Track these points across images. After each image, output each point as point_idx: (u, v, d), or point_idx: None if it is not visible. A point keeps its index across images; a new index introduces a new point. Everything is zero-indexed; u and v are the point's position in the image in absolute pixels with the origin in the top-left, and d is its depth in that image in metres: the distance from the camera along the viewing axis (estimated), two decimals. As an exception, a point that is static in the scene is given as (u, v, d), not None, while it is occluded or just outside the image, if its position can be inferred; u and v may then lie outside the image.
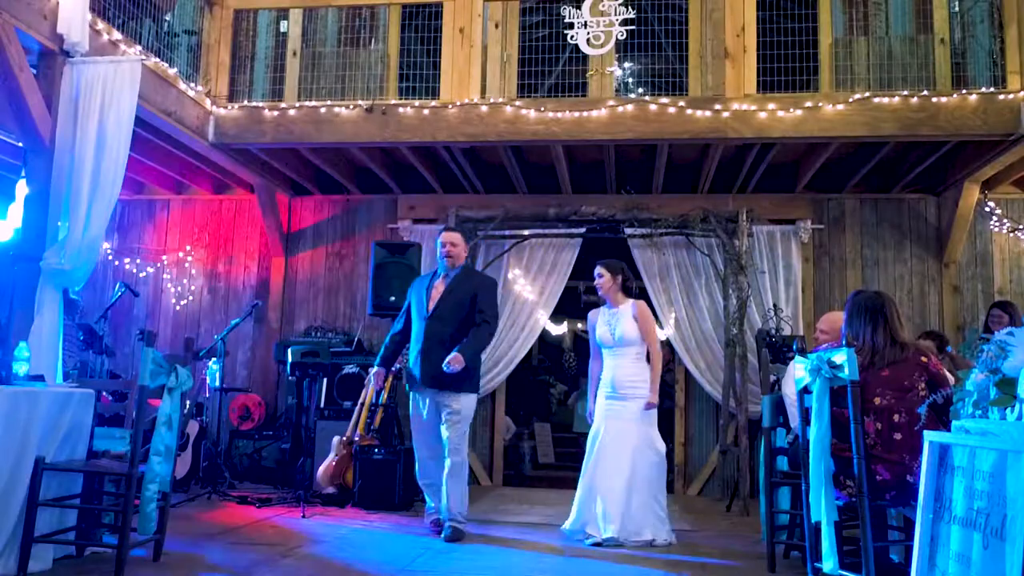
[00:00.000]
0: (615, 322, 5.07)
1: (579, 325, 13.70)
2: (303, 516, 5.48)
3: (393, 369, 5.46)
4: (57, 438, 3.77)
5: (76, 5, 4.84)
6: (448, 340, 4.87)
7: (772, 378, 6.22)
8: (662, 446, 5.03)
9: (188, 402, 5.93)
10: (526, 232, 7.47)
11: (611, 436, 4.93)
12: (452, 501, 4.86)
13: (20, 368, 3.96)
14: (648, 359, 5.05)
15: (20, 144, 5.31)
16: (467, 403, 4.95)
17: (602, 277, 5.18)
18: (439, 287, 5.05)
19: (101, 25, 5.26)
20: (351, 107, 6.37)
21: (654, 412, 5.00)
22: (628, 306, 5.10)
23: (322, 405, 6.84)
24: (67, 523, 3.95)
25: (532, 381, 11.65)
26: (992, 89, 5.83)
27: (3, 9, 4.41)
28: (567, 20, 6.15)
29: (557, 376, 12.72)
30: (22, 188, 5.18)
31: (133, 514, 3.72)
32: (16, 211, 5.71)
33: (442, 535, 4.79)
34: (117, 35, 5.40)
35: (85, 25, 4.92)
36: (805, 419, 3.76)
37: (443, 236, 5.13)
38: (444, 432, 4.89)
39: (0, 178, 6.97)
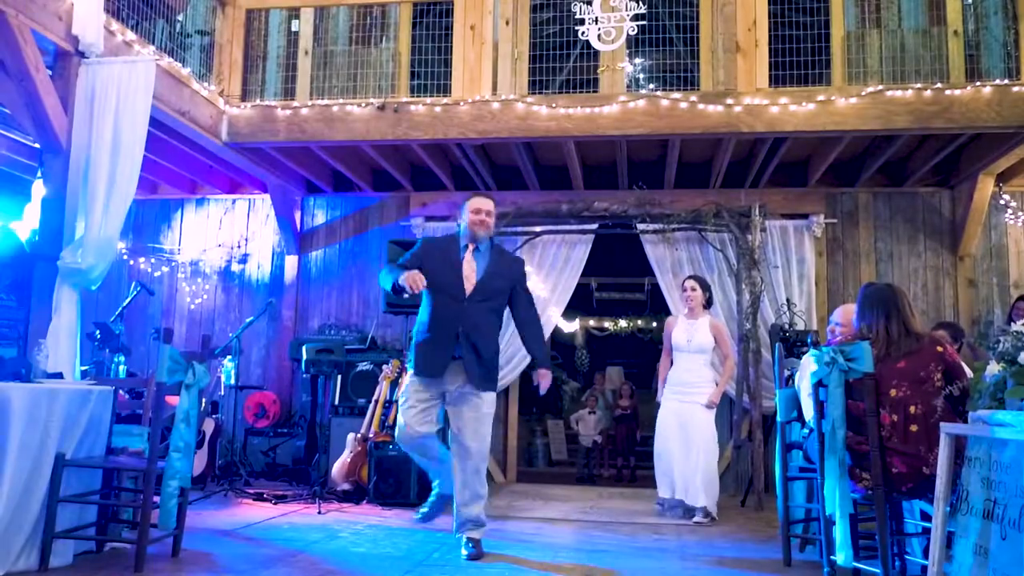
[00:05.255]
0: (693, 332, 5.82)
1: (591, 322, 13.72)
2: (319, 512, 5.51)
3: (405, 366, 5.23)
4: (77, 435, 3.80)
5: (91, 6, 4.89)
6: (487, 328, 4.34)
7: (786, 372, 6.21)
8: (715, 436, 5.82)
9: (204, 400, 5.97)
10: (538, 228, 7.48)
11: (682, 422, 5.70)
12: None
13: (39, 366, 4.01)
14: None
15: (36, 145, 5.36)
16: (492, 401, 4.45)
17: (695, 291, 5.89)
18: (471, 263, 4.36)
19: (115, 26, 5.30)
20: (363, 105, 6.39)
21: (714, 409, 5.78)
22: (705, 320, 5.86)
23: (337, 402, 6.88)
24: (87, 519, 3.99)
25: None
26: (1006, 81, 5.79)
27: (19, 11, 4.46)
28: (578, 16, 6.16)
29: (570, 373, 12.74)
30: (39, 188, 5.23)
31: (152, 510, 3.76)
32: (33, 211, 5.77)
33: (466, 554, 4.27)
34: (131, 35, 5.44)
35: (100, 26, 4.96)
36: (820, 412, 3.76)
37: (477, 202, 4.43)
38: (468, 439, 4.29)
39: (16, 179, 7.05)
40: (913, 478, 3.43)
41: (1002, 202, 7.16)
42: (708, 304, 5.99)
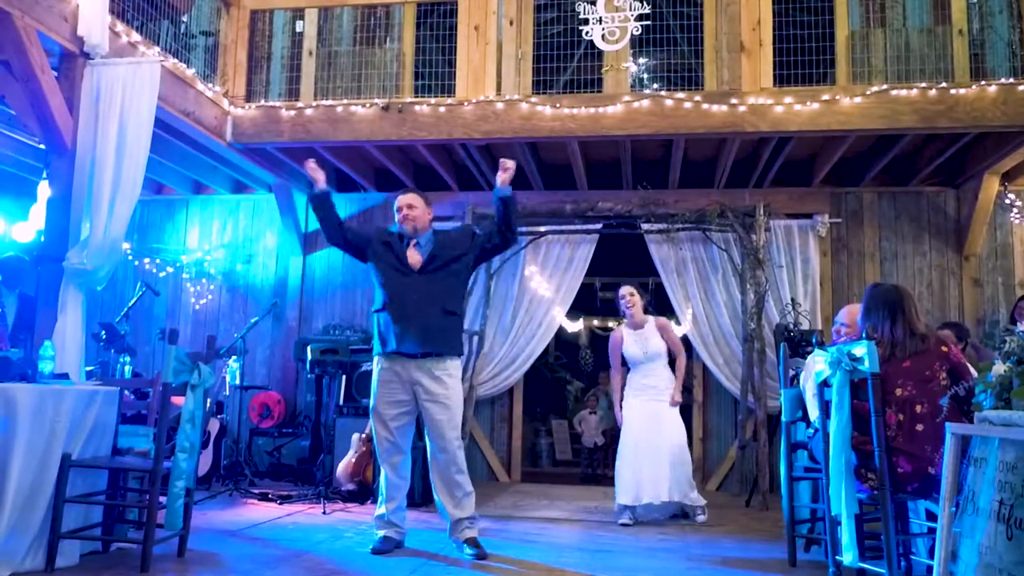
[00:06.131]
0: (644, 341, 5.75)
1: (595, 322, 13.71)
2: (324, 513, 5.52)
3: None
4: (83, 435, 3.81)
5: (96, 7, 4.90)
6: (441, 295, 4.31)
7: (791, 372, 6.21)
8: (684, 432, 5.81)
9: (209, 400, 5.98)
10: (542, 228, 7.49)
11: (652, 422, 5.62)
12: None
13: (45, 367, 4.02)
14: (672, 364, 5.84)
15: (42, 146, 5.37)
16: (457, 372, 4.38)
17: (634, 295, 5.81)
18: (414, 255, 4.40)
19: (120, 27, 5.31)
20: (367, 106, 6.40)
21: (678, 406, 5.76)
22: (651, 325, 5.79)
23: (341, 402, 6.88)
24: (93, 519, 3.99)
25: (549, 378, 11.66)
26: (1011, 80, 5.77)
27: (25, 12, 4.47)
28: (582, 16, 6.16)
29: (574, 373, 12.72)
30: (44, 189, 5.25)
31: (158, 510, 3.76)
32: (38, 212, 5.79)
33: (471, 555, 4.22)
34: (136, 36, 5.45)
35: (105, 27, 4.98)
36: (825, 412, 3.75)
37: (398, 200, 4.49)
38: (446, 429, 4.25)
39: (22, 180, 7.07)
40: (918, 478, 3.43)
41: (1007, 201, 7.14)
42: (647, 310, 5.88)
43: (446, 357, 4.32)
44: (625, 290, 5.85)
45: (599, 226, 7.40)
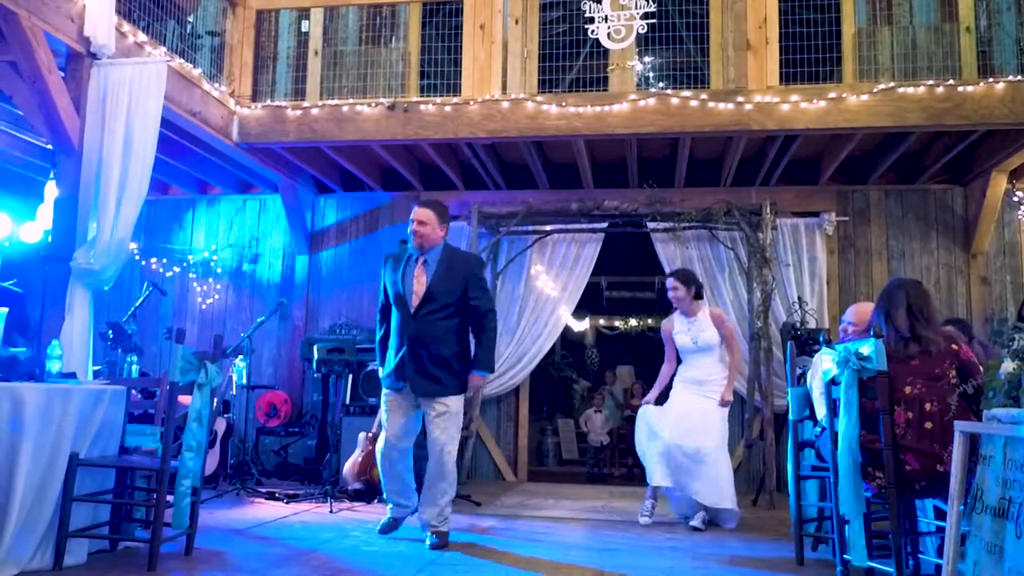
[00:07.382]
0: (695, 330, 5.38)
1: (601, 321, 13.71)
2: (331, 511, 5.52)
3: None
4: (90, 435, 3.82)
5: (102, 8, 4.91)
6: (442, 339, 4.40)
7: (798, 371, 6.19)
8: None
9: (216, 399, 5.99)
10: (548, 227, 7.48)
11: (695, 416, 5.27)
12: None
13: (53, 366, 4.03)
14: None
15: (49, 146, 5.39)
16: (457, 403, 4.47)
17: (677, 289, 5.41)
18: (420, 276, 4.43)
19: (127, 27, 5.32)
20: (373, 105, 6.41)
21: (727, 408, 5.42)
22: (706, 315, 5.40)
23: (347, 402, 6.89)
24: (101, 518, 4.00)
25: (555, 378, 11.67)
26: (1019, 77, 5.75)
27: (32, 13, 4.49)
28: (588, 15, 6.16)
29: (580, 372, 12.73)
30: (51, 190, 5.27)
31: (165, 509, 3.77)
32: (45, 212, 5.81)
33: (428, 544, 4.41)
34: (142, 37, 5.47)
35: (111, 27, 4.99)
36: (833, 411, 3.74)
37: (415, 210, 4.49)
38: (436, 432, 4.40)
39: (29, 180, 7.09)
40: (927, 476, 3.41)
41: (1015, 199, 7.11)
42: (699, 295, 5.45)
43: (450, 397, 4.44)
44: (669, 281, 5.48)
45: (605, 225, 7.39)
